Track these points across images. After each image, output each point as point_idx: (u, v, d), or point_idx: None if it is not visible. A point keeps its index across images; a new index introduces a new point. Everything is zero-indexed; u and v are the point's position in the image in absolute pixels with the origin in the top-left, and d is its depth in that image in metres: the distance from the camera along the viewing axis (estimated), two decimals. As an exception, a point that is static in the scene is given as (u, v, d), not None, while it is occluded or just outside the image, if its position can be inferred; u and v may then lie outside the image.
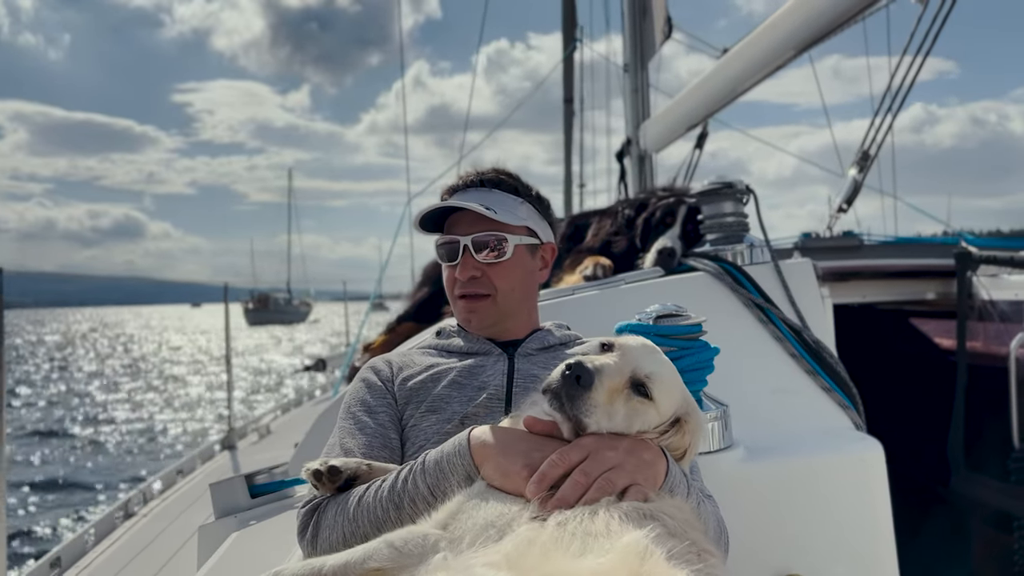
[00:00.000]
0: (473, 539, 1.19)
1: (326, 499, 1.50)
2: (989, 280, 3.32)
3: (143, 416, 18.59)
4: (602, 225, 3.30)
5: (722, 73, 5.51)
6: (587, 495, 1.22)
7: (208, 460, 5.50)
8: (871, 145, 4.08)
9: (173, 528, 3.73)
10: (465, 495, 1.30)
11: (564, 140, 11.38)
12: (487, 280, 1.83)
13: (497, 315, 1.86)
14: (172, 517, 3.98)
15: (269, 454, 4.94)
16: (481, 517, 1.23)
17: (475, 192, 1.88)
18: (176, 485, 4.84)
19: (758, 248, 2.68)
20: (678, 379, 1.45)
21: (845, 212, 4.19)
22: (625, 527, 1.04)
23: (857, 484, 2.17)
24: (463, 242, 1.81)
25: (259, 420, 6.86)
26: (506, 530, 1.18)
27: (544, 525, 1.13)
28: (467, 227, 1.83)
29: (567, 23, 10.63)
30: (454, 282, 1.86)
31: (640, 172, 7.57)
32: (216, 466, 5.15)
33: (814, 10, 4.30)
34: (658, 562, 0.98)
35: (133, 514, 4.29)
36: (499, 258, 1.82)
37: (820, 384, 2.43)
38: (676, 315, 2.09)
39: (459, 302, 1.87)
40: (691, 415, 1.44)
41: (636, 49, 7.68)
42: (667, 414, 1.39)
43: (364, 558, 1.24)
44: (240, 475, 2.34)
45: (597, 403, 1.30)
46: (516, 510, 1.22)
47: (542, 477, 1.26)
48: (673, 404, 1.40)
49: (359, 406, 1.74)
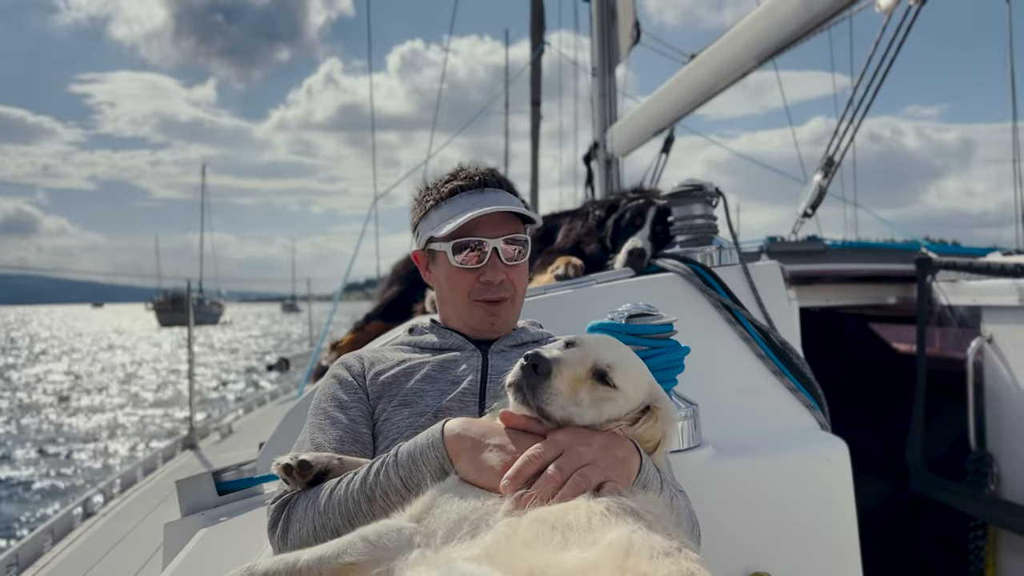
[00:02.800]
0: (447, 533, 1.19)
1: (296, 494, 1.48)
2: (948, 286, 3.39)
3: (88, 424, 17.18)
4: (572, 226, 3.32)
5: (689, 79, 5.57)
6: (562, 492, 1.22)
7: (169, 459, 5.42)
8: (835, 151, 4.15)
9: (136, 526, 3.67)
10: (438, 489, 1.29)
11: (531, 141, 11.42)
12: (509, 282, 1.81)
13: (513, 315, 1.87)
14: (135, 515, 3.92)
15: (232, 453, 4.88)
16: (455, 511, 1.23)
17: (493, 193, 1.83)
18: (137, 484, 4.76)
19: (727, 250, 2.71)
20: (644, 369, 1.47)
21: (810, 217, 4.25)
22: (606, 521, 1.05)
23: (823, 483, 2.20)
24: (492, 244, 1.77)
25: (221, 420, 6.78)
26: (480, 524, 1.18)
27: (521, 520, 1.13)
28: (492, 229, 1.78)
29: (535, 26, 10.66)
30: (472, 286, 1.80)
31: (607, 175, 7.62)
32: (178, 465, 5.08)
33: (780, 18, 4.37)
34: (642, 556, 0.99)
35: (93, 513, 4.21)
36: (519, 259, 1.83)
37: (787, 384, 2.46)
38: (648, 315, 2.11)
39: (479, 306, 1.82)
40: (661, 403, 1.45)
41: (604, 53, 7.73)
42: (636, 401, 1.41)
43: (338, 552, 1.23)
44: (207, 472, 2.30)
45: (558, 391, 1.32)
46: (490, 505, 1.23)
47: (517, 473, 1.26)
48: (641, 392, 1.42)
49: (330, 402, 1.72)
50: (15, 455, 13.80)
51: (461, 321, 1.88)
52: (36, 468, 12.61)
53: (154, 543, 2.69)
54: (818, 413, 2.46)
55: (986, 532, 3.24)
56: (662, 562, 0.99)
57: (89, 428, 16.66)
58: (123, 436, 15.61)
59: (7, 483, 11.81)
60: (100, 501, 4.42)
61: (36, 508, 10.29)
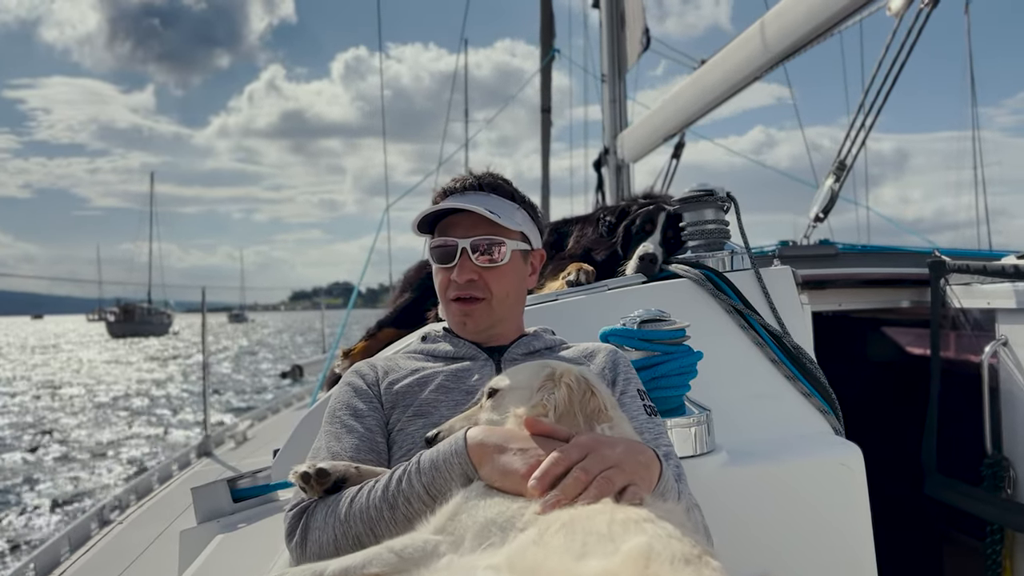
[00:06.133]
0: (475, 538, 1.19)
1: (314, 502, 1.48)
2: (961, 289, 3.38)
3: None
4: (583, 232, 3.32)
5: (698, 84, 5.58)
6: (587, 492, 1.23)
7: (185, 467, 5.45)
8: (847, 155, 4.14)
9: (152, 534, 3.69)
10: (463, 496, 1.30)
11: (541, 148, 11.41)
12: (483, 284, 1.82)
13: (491, 319, 1.86)
14: (151, 523, 3.94)
15: (247, 461, 4.90)
16: (482, 516, 1.23)
17: (474, 195, 1.86)
18: (154, 492, 4.78)
19: (739, 255, 2.71)
20: (534, 367, 1.56)
21: (822, 221, 4.25)
22: (627, 528, 1.05)
23: (837, 488, 2.20)
24: (461, 245, 1.81)
25: (235, 427, 6.81)
26: (508, 527, 1.19)
27: (547, 527, 1.13)
28: (466, 230, 1.82)
29: (545, 34, 10.67)
30: (448, 285, 1.84)
31: (617, 181, 7.64)
32: (193, 472, 5.11)
33: (790, 23, 4.37)
34: (663, 563, 0.99)
35: (109, 521, 4.24)
36: (497, 262, 1.82)
37: (800, 389, 2.46)
38: (660, 320, 2.12)
39: (453, 305, 1.86)
40: (557, 369, 1.51)
41: (613, 60, 7.75)
42: (531, 388, 1.48)
43: (364, 563, 1.23)
44: (223, 479, 2.32)
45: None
46: (517, 508, 1.23)
47: (544, 474, 1.26)
48: (521, 377, 1.52)
49: (345, 410, 1.72)
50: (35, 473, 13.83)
51: (449, 323, 1.92)
52: (54, 482, 12.63)
53: (170, 551, 2.71)
54: (832, 418, 2.45)
55: (1003, 537, 3.22)
56: (683, 570, 0.99)
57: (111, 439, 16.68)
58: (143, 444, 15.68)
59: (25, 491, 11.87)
60: (116, 509, 4.45)
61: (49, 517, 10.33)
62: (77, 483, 12.41)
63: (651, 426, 1.71)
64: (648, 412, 1.74)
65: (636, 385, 1.81)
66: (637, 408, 1.73)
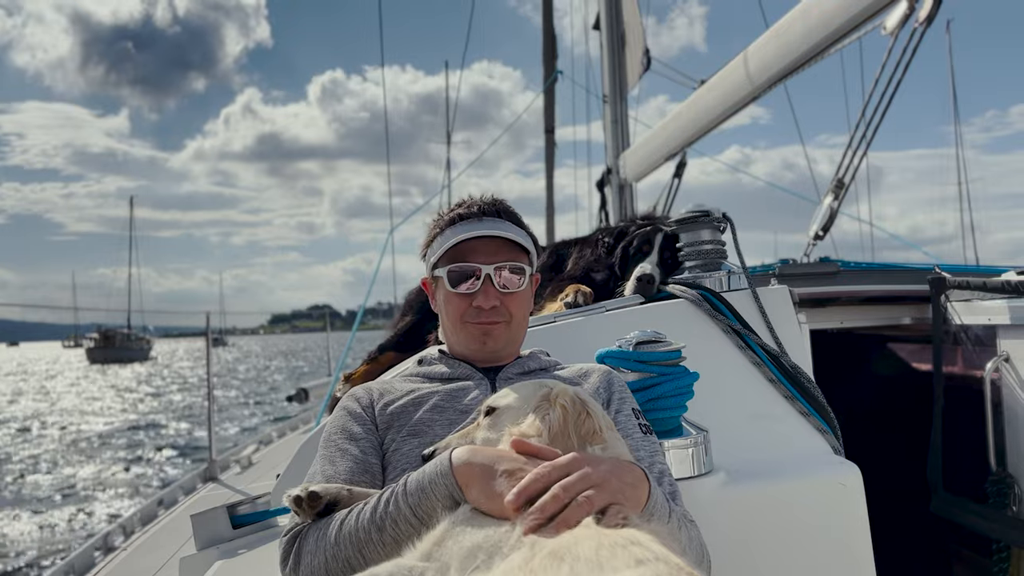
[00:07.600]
0: (460, 565, 1.19)
1: (307, 526, 1.49)
2: (963, 305, 3.37)
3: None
4: (582, 254, 3.34)
5: (699, 104, 5.61)
6: (566, 512, 1.23)
7: (190, 493, 5.44)
8: (845, 173, 4.15)
9: (154, 561, 3.69)
10: (450, 521, 1.30)
11: (545, 168, 11.46)
12: (504, 308, 1.86)
13: (507, 340, 1.90)
14: (154, 550, 3.94)
15: (253, 485, 4.90)
16: (468, 541, 1.23)
17: (492, 221, 1.88)
18: (158, 518, 4.78)
19: (736, 275, 2.72)
20: (531, 385, 1.59)
21: (822, 239, 4.25)
22: (615, 553, 1.05)
23: (836, 508, 2.19)
24: (485, 270, 1.83)
25: (240, 451, 6.81)
26: (494, 552, 1.19)
27: (532, 554, 1.13)
28: (488, 256, 1.84)
29: (547, 55, 10.75)
30: (466, 310, 1.86)
31: (620, 200, 7.66)
32: (198, 498, 5.10)
33: (788, 42, 4.40)
34: None
35: (114, 548, 4.24)
36: (518, 287, 1.86)
37: (798, 409, 2.46)
38: (656, 341, 2.13)
39: (470, 326, 1.87)
40: (554, 389, 1.53)
41: (615, 81, 7.80)
42: (520, 404, 1.52)
43: None
44: (222, 505, 2.32)
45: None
46: (503, 532, 1.23)
47: (523, 490, 1.27)
48: (518, 396, 1.55)
49: (340, 434, 1.74)
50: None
51: (460, 345, 1.92)
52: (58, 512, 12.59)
53: None
54: (831, 437, 2.44)
55: (1009, 555, 3.19)
56: None
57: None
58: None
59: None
60: (121, 536, 4.45)
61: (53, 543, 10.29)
62: (80, 513, 12.44)
63: (646, 444, 1.71)
64: (643, 431, 1.75)
65: (631, 404, 1.82)
66: (632, 427, 1.74)
